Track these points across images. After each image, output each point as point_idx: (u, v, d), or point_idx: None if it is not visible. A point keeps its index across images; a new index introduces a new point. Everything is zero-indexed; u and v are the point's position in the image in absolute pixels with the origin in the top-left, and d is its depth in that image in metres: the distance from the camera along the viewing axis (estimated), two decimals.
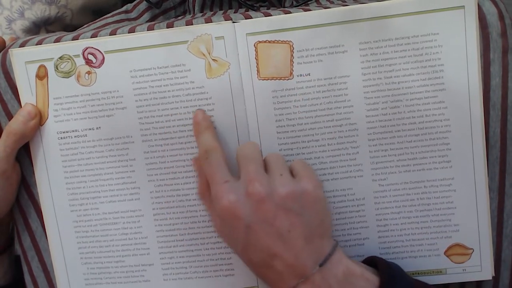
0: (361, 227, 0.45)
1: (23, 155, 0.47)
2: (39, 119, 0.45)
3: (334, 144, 0.44)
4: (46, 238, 0.47)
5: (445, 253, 0.45)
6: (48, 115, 0.45)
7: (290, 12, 0.44)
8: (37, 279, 0.49)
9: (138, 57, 0.44)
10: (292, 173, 0.41)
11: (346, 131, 0.44)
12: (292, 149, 0.44)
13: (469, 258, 0.45)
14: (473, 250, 0.45)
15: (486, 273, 0.45)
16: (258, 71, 0.43)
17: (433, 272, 0.45)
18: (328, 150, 0.44)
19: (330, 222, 0.41)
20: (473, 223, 0.44)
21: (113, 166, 0.45)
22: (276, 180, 0.39)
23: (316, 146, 0.44)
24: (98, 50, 0.44)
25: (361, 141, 0.44)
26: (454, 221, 0.44)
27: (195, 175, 0.45)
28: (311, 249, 0.38)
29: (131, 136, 0.45)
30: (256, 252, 0.39)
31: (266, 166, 0.41)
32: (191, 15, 0.55)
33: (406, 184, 0.44)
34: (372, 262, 0.42)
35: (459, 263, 0.45)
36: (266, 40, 0.43)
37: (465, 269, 0.45)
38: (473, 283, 0.46)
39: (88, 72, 0.44)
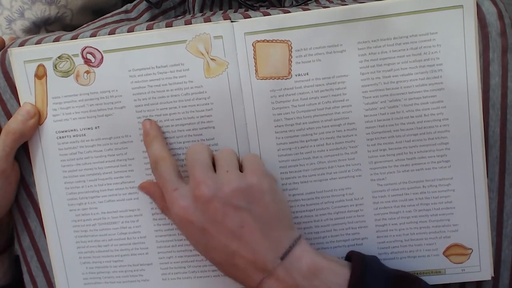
0: (360, 227, 0.45)
1: (22, 154, 0.47)
2: (38, 118, 0.45)
3: (333, 143, 0.44)
4: (45, 237, 0.47)
5: (444, 253, 0.45)
6: (47, 114, 0.45)
7: (289, 12, 0.44)
8: (36, 278, 0.49)
9: (136, 57, 0.44)
10: (242, 168, 0.41)
11: (344, 130, 0.44)
12: (290, 149, 0.44)
13: (468, 258, 0.45)
14: (472, 250, 0.45)
15: (485, 273, 0.45)
16: (256, 70, 0.43)
17: (432, 272, 0.45)
18: (327, 150, 0.44)
19: (286, 213, 0.41)
20: (472, 223, 0.44)
21: (112, 166, 0.45)
22: (221, 178, 0.39)
23: (314, 146, 0.44)
24: (97, 50, 0.44)
25: (360, 141, 0.44)
26: (453, 221, 0.44)
27: None
28: (269, 242, 0.39)
29: (130, 136, 0.45)
30: (216, 252, 0.39)
31: (214, 164, 0.41)
32: (191, 15, 0.55)
33: (404, 184, 0.44)
34: (349, 256, 0.42)
35: (458, 263, 0.45)
36: (265, 40, 0.43)
37: (464, 269, 0.45)
38: (473, 283, 0.46)
39: (87, 72, 0.44)
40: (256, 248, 0.38)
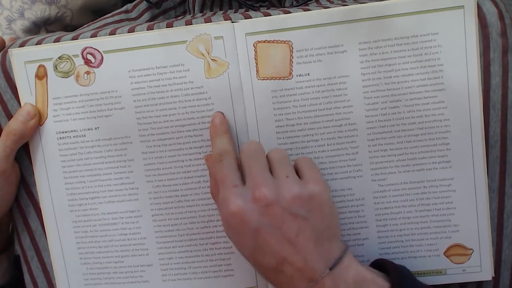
0: (361, 227, 0.45)
1: (23, 155, 0.47)
2: (39, 119, 0.45)
3: (334, 144, 0.44)
4: (46, 238, 0.47)
5: (445, 253, 0.45)
6: (47, 115, 0.45)
7: (290, 12, 0.44)
8: (37, 279, 0.49)
9: (137, 57, 0.44)
10: (297, 172, 0.40)
11: (345, 131, 0.44)
12: (291, 149, 0.44)
13: (469, 259, 0.45)
14: (473, 251, 0.45)
15: (486, 273, 0.45)
16: (257, 71, 0.43)
17: (433, 272, 0.45)
18: (328, 150, 0.44)
19: (338, 225, 0.40)
20: (473, 223, 0.44)
21: (112, 167, 0.45)
22: (282, 183, 0.38)
23: (315, 146, 0.44)
24: (97, 50, 0.44)
25: (361, 141, 0.44)
26: (453, 222, 0.44)
27: (194, 176, 0.44)
28: (320, 252, 0.38)
29: (130, 137, 0.45)
30: (265, 256, 0.38)
31: (270, 165, 0.40)
32: (191, 15, 0.55)
33: (405, 184, 0.44)
34: (381, 264, 0.42)
35: (459, 263, 0.45)
36: (266, 40, 0.43)
37: (465, 270, 0.45)
38: (473, 283, 0.46)
39: (87, 72, 0.44)
40: (307, 257, 0.38)
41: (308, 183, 0.39)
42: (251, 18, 0.44)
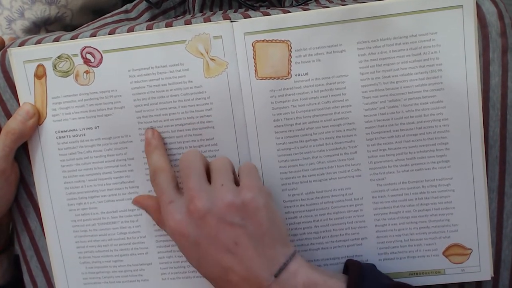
0: (359, 227, 0.45)
1: (22, 154, 0.47)
2: (38, 118, 0.45)
3: (332, 143, 0.44)
4: (45, 237, 0.47)
5: (443, 253, 0.45)
6: (46, 114, 0.45)
7: (289, 12, 0.44)
8: (36, 278, 0.49)
9: (136, 57, 0.44)
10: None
11: (344, 130, 0.44)
12: (290, 149, 0.44)
13: (468, 259, 0.45)
14: (472, 251, 0.45)
15: (485, 273, 0.45)
16: (256, 70, 0.43)
17: (431, 272, 0.45)
18: (326, 150, 0.44)
19: (281, 229, 0.40)
20: (472, 223, 0.44)
21: (112, 166, 0.45)
22: (216, 192, 0.39)
23: (314, 146, 0.44)
24: (96, 50, 0.44)
25: (359, 141, 0.44)
26: (452, 221, 0.44)
27: None
28: (263, 259, 0.38)
29: (130, 136, 0.45)
30: (209, 267, 0.39)
31: (210, 174, 0.41)
32: (191, 15, 0.55)
33: (404, 184, 0.44)
34: (350, 265, 0.42)
35: (458, 263, 0.45)
36: (264, 40, 0.43)
37: (464, 269, 0.45)
38: (472, 283, 0.46)
39: (87, 72, 0.44)
40: (250, 265, 0.38)
41: (241, 190, 0.39)
42: (250, 17, 0.44)
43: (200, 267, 0.40)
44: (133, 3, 0.57)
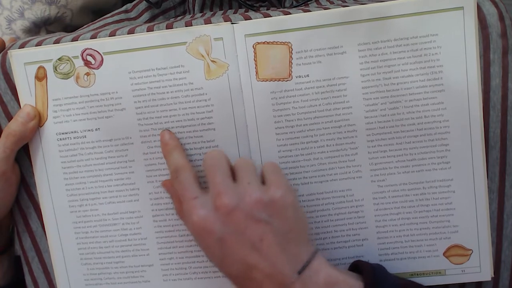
0: (360, 228, 0.45)
1: (23, 156, 0.47)
2: (38, 120, 0.45)
3: (333, 145, 0.44)
4: (46, 239, 0.47)
5: (444, 254, 0.45)
6: (47, 116, 0.45)
7: (290, 13, 0.44)
8: (38, 279, 0.49)
9: (137, 59, 0.44)
10: (263, 178, 0.41)
11: (345, 132, 0.44)
12: (291, 150, 0.44)
13: (468, 259, 0.45)
14: (472, 251, 0.45)
15: (485, 274, 0.45)
16: (256, 72, 0.43)
17: (432, 273, 0.45)
18: (327, 151, 0.44)
19: (305, 228, 0.40)
20: (472, 224, 0.44)
21: (112, 167, 0.45)
22: (243, 189, 0.39)
23: (315, 147, 0.44)
24: (97, 52, 0.44)
25: (360, 142, 0.44)
26: (453, 222, 0.44)
27: None
28: (287, 256, 0.38)
29: (130, 137, 0.45)
30: (233, 264, 0.39)
31: (234, 173, 0.41)
32: (191, 16, 0.55)
33: (405, 185, 0.44)
34: (357, 266, 0.42)
35: (458, 264, 0.45)
36: (265, 41, 0.43)
37: (464, 270, 0.45)
38: (473, 284, 0.46)
39: (87, 74, 0.44)
40: (274, 261, 0.38)
41: (270, 187, 0.39)
42: (251, 19, 0.44)
43: (223, 264, 0.39)
44: (133, 3, 0.57)
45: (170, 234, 0.46)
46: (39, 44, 0.46)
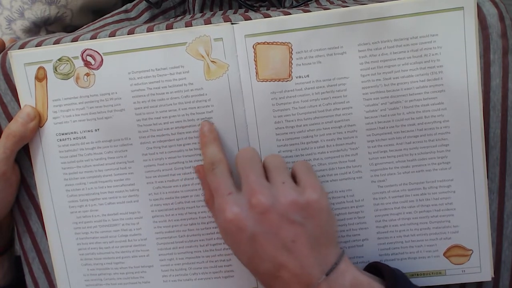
0: (360, 228, 0.45)
1: (23, 156, 0.47)
2: (38, 120, 0.45)
3: (333, 145, 0.44)
4: (47, 239, 0.47)
5: (444, 254, 0.45)
6: (47, 117, 0.45)
7: (290, 13, 0.43)
8: (38, 280, 0.49)
9: (136, 59, 0.44)
10: (294, 177, 0.40)
11: (345, 132, 0.44)
12: (291, 151, 0.44)
13: (469, 259, 0.45)
14: (473, 251, 0.45)
15: (486, 274, 0.45)
16: (257, 72, 0.43)
17: (432, 273, 0.45)
18: (327, 152, 0.44)
19: (335, 230, 0.40)
20: (473, 224, 0.44)
21: (112, 168, 0.45)
22: (278, 189, 0.39)
23: (315, 148, 0.44)
24: (97, 52, 0.44)
25: (360, 143, 0.44)
26: (453, 222, 0.44)
27: (194, 177, 0.45)
28: (316, 258, 0.38)
29: (130, 138, 0.45)
30: (262, 262, 0.39)
31: (266, 171, 0.41)
32: (191, 16, 0.55)
33: (405, 185, 0.44)
34: (375, 267, 0.42)
35: (459, 264, 0.45)
36: (265, 42, 0.43)
37: (464, 270, 0.45)
38: (473, 284, 0.46)
39: (87, 74, 0.44)
40: (304, 262, 0.38)
41: (305, 189, 0.39)
42: (251, 19, 0.44)
43: (251, 261, 0.39)
44: (133, 3, 0.57)
45: (170, 235, 0.46)
46: (39, 44, 0.46)
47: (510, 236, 0.45)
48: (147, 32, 0.44)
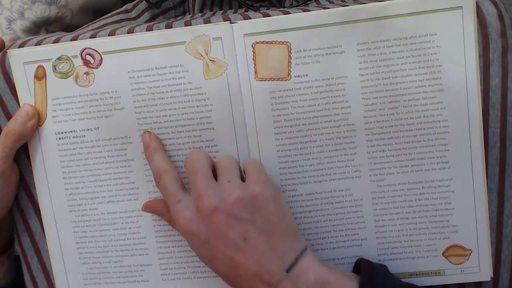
0: (359, 227, 0.45)
1: (23, 155, 0.47)
2: (38, 119, 0.45)
3: (332, 145, 0.44)
4: (46, 238, 0.47)
5: (443, 254, 0.45)
6: (46, 115, 0.45)
7: (289, 13, 0.44)
8: (37, 279, 0.49)
9: (136, 58, 0.44)
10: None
11: (344, 131, 0.44)
12: (289, 150, 0.44)
13: (468, 259, 0.45)
14: (471, 251, 0.45)
15: (485, 274, 0.45)
16: (255, 72, 0.43)
17: (431, 273, 0.45)
18: (326, 151, 0.44)
19: (291, 223, 0.40)
20: (471, 224, 0.44)
21: (112, 167, 0.45)
22: (224, 188, 0.39)
23: (314, 147, 0.44)
24: (96, 51, 0.44)
25: (359, 142, 0.44)
26: (452, 222, 0.44)
27: None
28: (274, 253, 0.38)
29: (129, 137, 0.45)
30: (221, 264, 0.39)
31: (217, 173, 0.41)
32: (191, 15, 0.55)
33: (404, 185, 0.44)
34: (359, 265, 0.42)
35: (458, 264, 0.45)
36: (264, 41, 0.43)
37: (463, 270, 0.45)
38: (472, 284, 0.46)
39: (86, 73, 0.44)
40: (260, 260, 0.38)
41: (248, 184, 0.39)
42: (250, 18, 0.44)
43: (212, 264, 0.40)
44: (133, 3, 0.57)
45: (169, 234, 0.46)
46: (38, 43, 0.46)
47: (509, 236, 0.45)
48: (146, 31, 0.45)
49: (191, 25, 0.44)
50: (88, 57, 0.44)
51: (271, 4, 0.55)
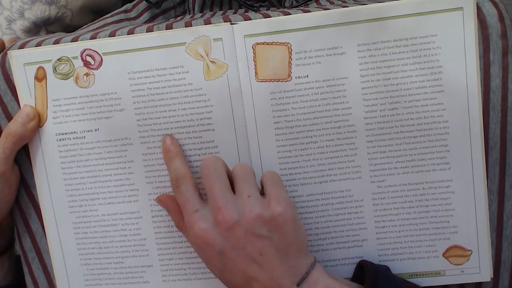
0: (360, 228, 0.45)
1: (23, 156, 0.47)
2: (38, 120, 0.45)
3: (333, 146, 0.44)
4: (47, 239, 0.47)
5: (443, 254, 0.45)
6: (47, 116, 0.45)
7: (289, 13, 0.43)
8: (38, 280, 0.49)
9: (136, 59, 0.44)
10: (262, 188, 0.41)
11: (344, 132, 0.44)
12: (290, 151, 0.44)
13: (468, 260, 0.45)
14: (472, 252, 0.45)
15: (485, 274, 0.45)
16: (256, 73, 0.43)
17: (431, 273, 0.45)
18: (327, 152, 0.44)
19: (304, 240, 0.41)
20: (472, 224, 0.44)
21: (112, 168, 0.45)
22: (244, 203, 0.39)
23: (314, 148, 0.44)
24: (96, 52, 0.44)
25: (360, 143, 0.44)
26: (452, 223, 0.44)
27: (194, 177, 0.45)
28: (286, 268, 0.39)
29: (130, 138, 0.45)
30: (233, 276, 0.39)
31: (234, 181, 0.41)
32: (191, 16, 0.55)
33: (404, 185, 0.44)
34: (363, 268, 0.42)
35: (458, 264, 0.45)
36: (264, 42, 0.43)
37: (463, 271, 0.45)
38: (472, 284, 0.46)
39: (87, 74, 0.44)
40: (274, 274, 0.38)
41: (270, 202, 0.39)
42: (251, 19, 0.44)
43: (223, 275, 0.40)
44: (133, 3, 0.57)
45: (169, 235, 0.46)
46: (38, 44, 0.46)
47: (510, 236, 0.45)
48: (146, 32, 0.44)
49: (191, 26, 0.44)
50: (88, 58, 0.44)
51: (271, 4, 0.55)
